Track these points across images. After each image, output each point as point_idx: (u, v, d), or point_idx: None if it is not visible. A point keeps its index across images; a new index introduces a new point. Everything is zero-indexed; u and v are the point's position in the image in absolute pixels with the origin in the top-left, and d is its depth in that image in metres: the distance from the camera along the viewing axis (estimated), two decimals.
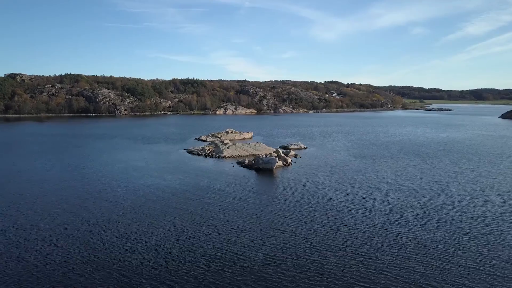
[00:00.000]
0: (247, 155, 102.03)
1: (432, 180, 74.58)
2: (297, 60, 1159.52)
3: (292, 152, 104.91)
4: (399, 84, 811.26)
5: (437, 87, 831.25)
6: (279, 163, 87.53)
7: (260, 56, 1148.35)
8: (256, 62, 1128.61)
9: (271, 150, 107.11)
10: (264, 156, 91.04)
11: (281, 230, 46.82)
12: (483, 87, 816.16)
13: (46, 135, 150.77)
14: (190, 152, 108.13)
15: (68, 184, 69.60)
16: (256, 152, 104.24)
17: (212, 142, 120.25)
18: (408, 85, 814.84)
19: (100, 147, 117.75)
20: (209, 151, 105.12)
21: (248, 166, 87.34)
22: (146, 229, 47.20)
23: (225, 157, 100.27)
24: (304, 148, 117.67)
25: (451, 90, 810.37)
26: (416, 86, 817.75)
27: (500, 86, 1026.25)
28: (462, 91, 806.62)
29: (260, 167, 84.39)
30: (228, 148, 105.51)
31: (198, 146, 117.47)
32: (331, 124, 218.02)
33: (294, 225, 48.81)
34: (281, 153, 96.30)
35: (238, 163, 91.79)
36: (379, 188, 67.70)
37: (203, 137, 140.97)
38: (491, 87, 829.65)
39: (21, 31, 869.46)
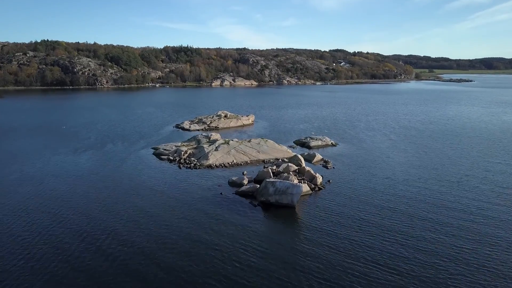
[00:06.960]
0: (247, 162, 63.91)
1: None
2: (298, 28, 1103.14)
3: (318, 156, 66.53)
4: (404, 53, 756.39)
5: (442, 56, 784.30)
6: (305, 186, 49.22)
7: (260, 24, 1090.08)
8: (256, 30, 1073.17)
9: (284, 152, 68.70)
10: (276, 175, 53.05)
11: None
12: (489, 56, 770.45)
13: None
14: (158, 155, 69.37)
15: None
16: (261, 157, 66.09)
17: (194, 137, 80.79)
18: (412, 54, 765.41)
19: (21, 147, 77.04)
20: (186, 156, 66.49)
21: (249, 195, 48.79)
22: None
23: (210, 166, 61.91)
24: (332, 146, 79.06)
25: (459, 59, 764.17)
26: (421, 55, 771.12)
27: (507, 55, 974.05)
28: (471, 60, 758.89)
29: (271, 201, 45.82)
30: (216, 149, 66.66)
31: (174, 142, 78.76)
32: (350, 102, 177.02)
33: None
34: (304, 162, 58.21)
35: (230, 184, 53.01)
36: None
37: (186, 124, 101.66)
38: (497, 56, 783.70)
39: None
